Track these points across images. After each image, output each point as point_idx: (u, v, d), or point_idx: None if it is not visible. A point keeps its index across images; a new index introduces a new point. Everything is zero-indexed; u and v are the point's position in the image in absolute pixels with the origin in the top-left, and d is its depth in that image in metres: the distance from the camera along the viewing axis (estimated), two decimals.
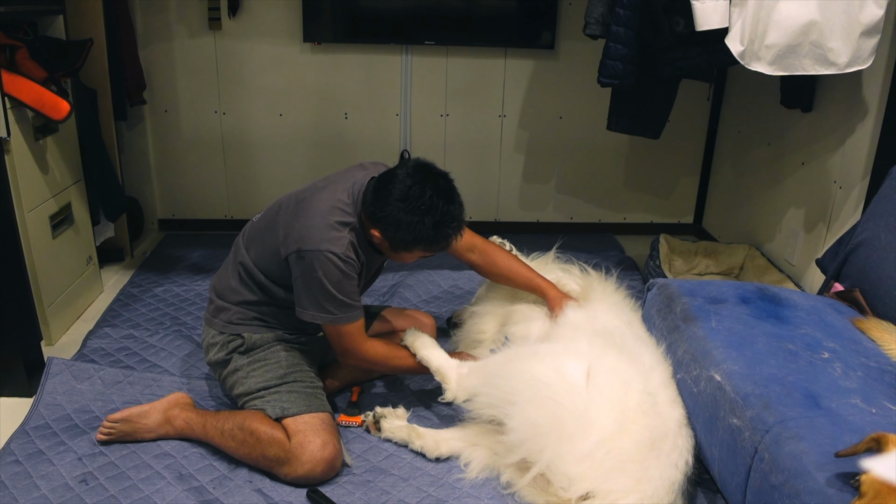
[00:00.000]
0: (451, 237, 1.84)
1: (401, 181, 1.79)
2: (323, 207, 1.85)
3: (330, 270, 1.79)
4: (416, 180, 1.78)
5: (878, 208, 2.04)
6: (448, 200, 1.80)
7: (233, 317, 1.97)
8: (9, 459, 1.83)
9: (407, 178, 1.79)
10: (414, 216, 1.76)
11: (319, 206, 1.86)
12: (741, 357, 1.68)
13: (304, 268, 1.81)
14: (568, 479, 1.56)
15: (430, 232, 1.78)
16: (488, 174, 3.67)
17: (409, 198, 1.76)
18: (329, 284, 1.80)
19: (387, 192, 1.79)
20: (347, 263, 1.81)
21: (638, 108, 2.91)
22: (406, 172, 1.80)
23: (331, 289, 1.80)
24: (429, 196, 1.77)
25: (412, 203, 1.76)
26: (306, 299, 1.84)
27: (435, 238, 1.81)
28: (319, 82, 3.44)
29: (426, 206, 1.76)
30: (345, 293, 1.83)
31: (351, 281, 1.84)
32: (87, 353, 2.35)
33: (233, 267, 2.00)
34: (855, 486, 1.22)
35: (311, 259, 1.79)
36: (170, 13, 3.28)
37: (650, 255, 3.10)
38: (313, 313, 1.85)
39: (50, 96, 2.34)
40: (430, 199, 1.77)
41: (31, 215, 2.35)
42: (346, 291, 1.83)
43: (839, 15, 2.11)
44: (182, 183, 3.59)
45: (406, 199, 1.77)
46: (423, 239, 1.80)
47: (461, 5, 3.36)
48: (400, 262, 2.09)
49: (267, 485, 1.77)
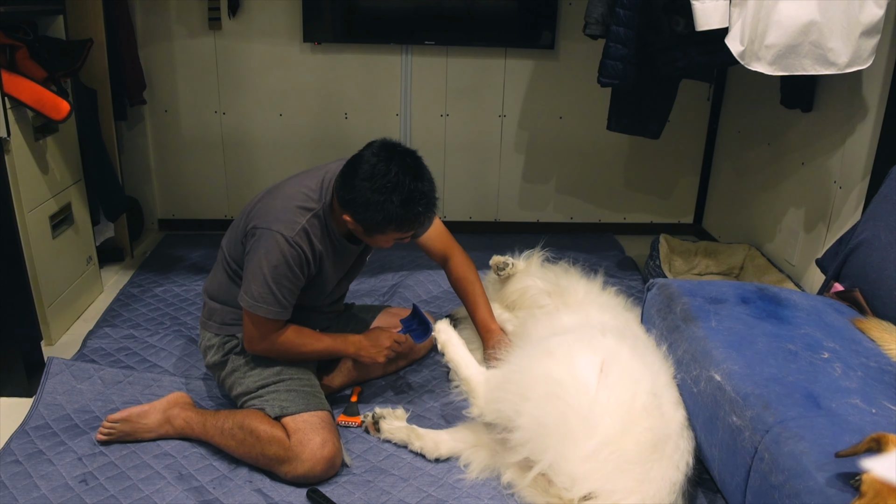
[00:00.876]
0: (422, 215, 1.80)
1: (366, 161, 1.76)
2: (288, 192, 1.86)
3: (272, 250, 1.77)
4: (381, 158, 1.76)
5: (878, 208, 2.04)
6: (415, 177, 1.76)
7: (226, 317, 1.97)
8: (9, 459, 1.83)
9: (372, 158, 1.76)
10: (381, 195, 1.73)
11: (286, 190, 1.88)
12: (741, 357, 1.68)
13: (251, 245, 1.81)
14: (571, 479, 1.56)
15: (399, 210, 1.74)
16: (488, 174, 3.67)
17: (375, 176, 1.73)
18: (266, 265, 1.77)
19: (353, 173, 1.77)
20: (293, 249, 1.78)
21: (638, 107, 2.91)
22: (372, 152, 1.78)
23: (265, 270, 1.77)
24: (394, 174, 1.73)
25: (378, 181, 1.73)
26: (244, 278, 1.82)
27: (405, 216, 1.77)
28: (319, 82, 3.44)
29: (392, 183, 1.73)
30: (278, 283, 1.78)
31: (290, 273, 1.80)
32: (87, 353, 2.35)
33: (220, 266, 2.01)
34: (855, 486, 1.22)
35: (260, 236, 1.79)
36: (170, 13, 3.28)
37: (650, 255, 3.10)
38: (240, 293, 1.82)
39: (50, 96, 2.34)
40: (396, 176, 1.73)
41: (31, 215, 2.35)
42: (279, 281, 1.79)
43: (839, 15, 2.11)
44: (182, 183, 3.59)
45: (372, 178, 1.73)
46: (392, 218, 1.76)
47: (461, 5, 3.37)
48: (401, 260, 2.08)
49: (267, 485, 1.77)
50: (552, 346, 1.77)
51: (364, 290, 2.89)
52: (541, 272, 2.30)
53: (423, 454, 1.89)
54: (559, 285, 2.23)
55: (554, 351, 1.75)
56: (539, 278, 2.26)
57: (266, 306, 1.80)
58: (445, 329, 1.92)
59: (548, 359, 1.72)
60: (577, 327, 1.95)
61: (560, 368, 1.68)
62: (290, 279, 1.80)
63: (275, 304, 1.80)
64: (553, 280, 2.26)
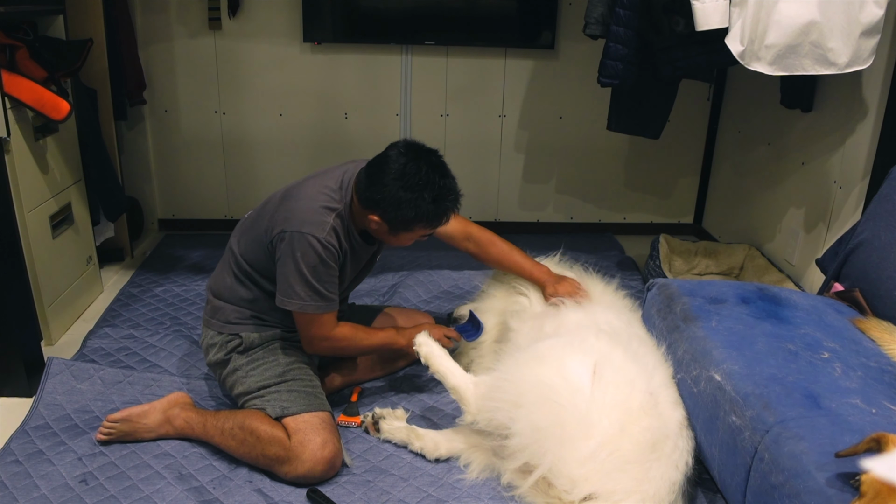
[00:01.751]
0: (450, 210, 1.87)
1: (395, 160, 1.81)
2: (309, 192, 1.88)
3: (307, 253, 1.80)
4: (410, 158, 1.81)
5: (878, 208, 2.04)
6: (443, 175, 1.83)
7: (230, 316, 1.98)
8: (9, 459, 1.83)
9: (400, 157, 1.81)
10: (413, 192, 1.78)
11: (306, 191, 1.89)
12: (741, 357, 1.68)
13: (283, 249, 1.82)
14: (571, 481, 1.56)
15: (430, 206, 1.80)
16: (488, 174, 3.67)
17: (406, 175, 1.78)
18: (305, 267, 1.80)
19: (382, 173, 1.81)
20: (327, 249, 1.81)
21: (638, 108, 2.91)
22: (398, 152, 1.83)
23: (305, 272, 1.80)
24: (425, 171, 1.79)
25: (409, 180, 1.78)
26: (280, 282, 1.84)
27: (436, 212, 1.83)
28: (319, 82, 3.44)
29: (423, 181, 1.79)
30: (320, 280, 1.82)
31: (329, 269, 1.84)
32: (87, 353, 2.35)
33: (227, 265, 2.01)
34: (855, 486, 1.22)
35: (291, 240, 1.80)
36: (170, 13, 3.28)
37: (650, 255, 3.10)
38: (283, 299, 1.84)
39: (50, 96, 2.34)
40: (427, 174, 1.79)
41: (31, 215, 2.35)
42: (321, 278, 1.82)
43: (839, 15, 2.11)
44: (182, 183, 3.59)
45: (403, 177, 1.78)
46: (424, 215, 1.81)
47: (461, 5, 3.37)
48: (401, 260, 2.09)
49: (267, 485, 1.77)
50: (542, 352, 1.77)
51: (364, 290, 2.89)
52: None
53: (423, 454, 1.89)
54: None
55: (544, 356, 1.75)
56: None
57: (315, 303, 1.84)
58: (426, 342, 1.90)
59: (539, 364, 1.72)
60: (580, 326, 1.96)
61: (552, 373, 1.68)
62: (329, 274, 1.85)
63: (322, 299, 1.85)
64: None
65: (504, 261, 2.24)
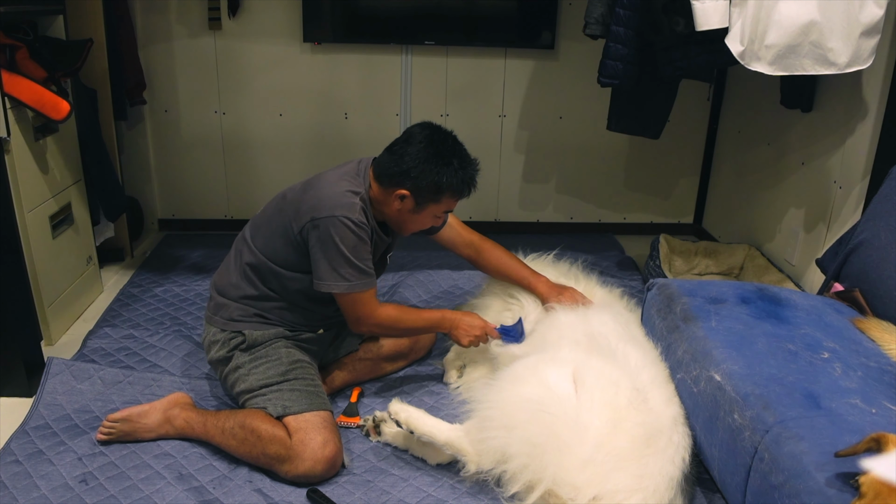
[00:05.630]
0: (474, 180, 1.94)
1: (419, 133, 1.89)
2: (331, 179, 1.92)
3: (345, 234, 1.82)
4: (434, 131, 1.90)
5: (878, 208, 2.04)
6: (463, 148, 1.93)
7: (233, 313, 1.98)
8: (9, 459, 1.83)
9: (425, 130, 1.90)
10: (443, 158, 1.86)
11: (327, 178, 1.93)
12: (741, 357, 1.68)
13: (318, 235, 1.84)
14: (574, 487, 1.55)
15: (459, 172, 1.88)
16: (488, 174, 3.67)
17: (434, 143, 1.87)
18: (345, 249, 1.83)
19: (408, 145, 1.88)
20: (360, 227, 1.85)
21: (638, 107, 2.91)
22: (421, 127, 1.91)
23: (347, 253, 1.83)
24: (450, 142, 1.90)
25: (438, 147, 1.87)
26: (322, 268, 1.86)
27: (464, 179, 1.90)
28: (319, 82, 3.44)
29: (451, 149, 1.89)
30: (360, 258, 1.86)
31: (365, 245, 1.88)
32: (87, 353, 2.35)
33: (235, 263, 2.01)
34: (855, 486, 1.22)
35: (327, 225, 1.82)
36: (170, 13, 3.28)
37: (650, 255, 3.10)
38: (329, 283, 1.87)
39: (50, 96, 2.34)
40: (452, 144, 1.90)
41: (31, 215, 2.35)
42: (361, 256, 1.86)
43: (839, 15, 2.11)
44: (182, 183, 3.59)
45: (432, 144, 1.87)
46: (453, 180, 1.87)
47: (461, 5, 3.37)
48: (401, 260, 2.09)
49: (267, 485, 1.77)
50: (518, 372, 1.76)
51: None
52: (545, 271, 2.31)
53: (425, 459, 1.88)
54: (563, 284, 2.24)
55: (522, 375, 1.75)
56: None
57: (361, 282, 1.88)
58: (403, 408, 1.82)
59: (519, 384, 1.72)
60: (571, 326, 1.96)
61: (535, 388, 1.68)
62: (366, 251, 1.89)
63: (366, 276, 1.89)
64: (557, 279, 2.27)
65: (504, 270, 2.25)
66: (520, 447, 1.61)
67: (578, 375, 1.69)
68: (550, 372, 1.71)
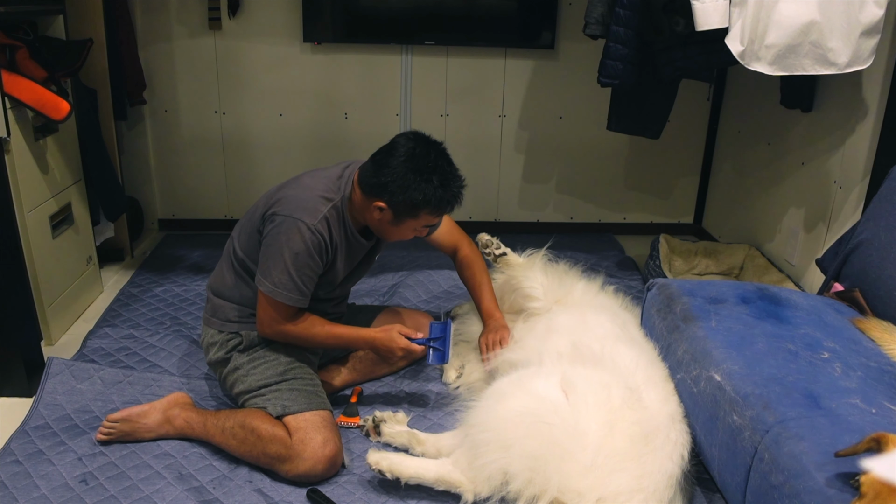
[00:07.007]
0: (457, 197, 1.87)
1: (403, 145, 1.84)
2: (307, 182, 1.90)
3: (293, 238, 1.79)
4: (418, 143, 1.84)
5: (878, 208, 2.04)
6: (449, 163, 1.86)
7: (230, 314, 1.98)
8: (9, 459, 1.83)
9: (409, 142, 1.84)
10: (421, 175, 1.79)
11: (304, 181, 1.91)
12: (741, 357, 1.68)
13: (271, 230, 1.82)
14: (578, 493, 1.55)
15: (438, 191, 1.81)
16: (488, 174, 3.67)
17: (416, 157, 1.80)
18: (288, 254, 1.79)
19: (389, 157, 1.83)
20: (315, 237, 1.81)
21: (638, 107, 2.91)
22: (406, 138, 1.86)
23: (287, 259, 1.79)
24: (433, 157, 1.82)
25: (419, 162, 1.80)
26: (261, 262, 1.84)
27: (443, 197, 1.83)
28: (319, 82, 3.44)
29: (432, 164, 1.81)
30: (299, 270, 1.81)
31: (311, 261, 1.82)
32: (87, 353, 2.35)
33: (227, 262, 2.02)
34: (855, 486, 1.22)
35: (280, 222, 1.81)
36: (170, 13, 3.28)
37: (650, 255, 3.10)
38: (259, 278, 1.83)
39: (50, 96, 2.34)
40: (435, 159, 1.82)
41: (31, 215, 2.35)
42: (300, 269, 1.81)
43: (839, 15, 2.11)
44: (182, 183, 3.59)
45: (412, 159, 1.80)
46: (431, 198, 1.81)
47: (461, 5, 3.36)
48: (401, 260, 2.09)
49: (267, 485, 1.77)
50: (504, 389, 1.73)
51: (364, 290, 2.89)
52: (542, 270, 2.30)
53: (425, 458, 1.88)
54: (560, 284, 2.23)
55: (508, 392, 1.72)
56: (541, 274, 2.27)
57: (286, 293, 1.82)
58: (384, 456, 1.73)
59: (508, 400, 1.69)
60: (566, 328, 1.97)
61: (525, 401, 1.65)
62: (310, 267, 1.83)
63: (295, 291, 1.83)
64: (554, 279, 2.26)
65: (471, 289, 2.25)
66: (521, 463, 1.57)
67: (567, 383, 1.68)
68: (538, 383, 1.70)
